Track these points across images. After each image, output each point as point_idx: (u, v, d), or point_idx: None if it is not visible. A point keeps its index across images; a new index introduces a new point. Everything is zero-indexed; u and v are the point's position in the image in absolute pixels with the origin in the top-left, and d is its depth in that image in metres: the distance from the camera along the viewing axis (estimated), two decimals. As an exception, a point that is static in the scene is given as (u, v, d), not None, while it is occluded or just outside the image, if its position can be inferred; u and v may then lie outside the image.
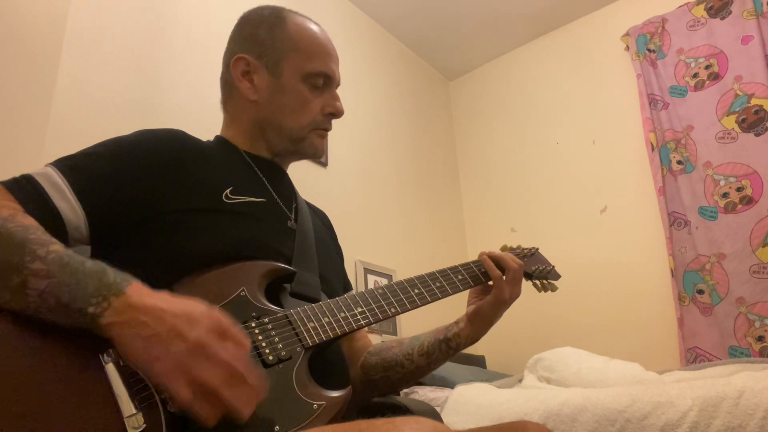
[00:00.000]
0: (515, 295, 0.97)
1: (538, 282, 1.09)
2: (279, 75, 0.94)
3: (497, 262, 0.98)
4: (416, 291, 0.89)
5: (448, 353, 0.97)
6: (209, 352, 0.58)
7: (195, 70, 2.05)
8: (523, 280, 1.02)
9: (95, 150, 0.82)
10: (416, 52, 3.47)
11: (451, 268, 0.97)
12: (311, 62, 0.95)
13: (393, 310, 0.85)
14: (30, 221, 0.68)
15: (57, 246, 0.64)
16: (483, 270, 0.98)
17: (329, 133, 1.02)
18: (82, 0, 1.75)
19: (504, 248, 1.11)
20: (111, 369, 0.60)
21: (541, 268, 1.08)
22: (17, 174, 0.76)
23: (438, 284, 0.92)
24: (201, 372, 0.57)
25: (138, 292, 0.62)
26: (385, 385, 0.99)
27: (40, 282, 0.60)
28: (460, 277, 0.96)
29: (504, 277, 0.96)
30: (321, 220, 1.10)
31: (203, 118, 1.94)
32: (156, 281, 0.67)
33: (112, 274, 0.63)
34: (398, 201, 2.96)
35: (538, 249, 1.14)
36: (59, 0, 1.70)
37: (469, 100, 3.64)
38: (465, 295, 1.01)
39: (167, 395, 0.59)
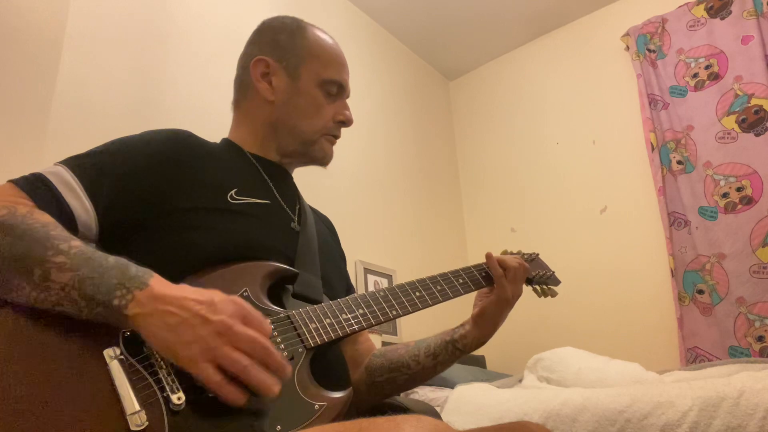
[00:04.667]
0: (516, 293, 0.99)
1: (538, 287, 1.10)
2: (297, 78, 0.97)
3: (500, 262, 0.99)
4: (417, 294, 0.90)
5: (455, 354, 0.98)
6: (234, 332, 0.61)
7: (195, 71, 2.05)
8: (524, 285, 1.02)
9: (104, 149, 0.83)
10: (416, 52, 3.47)
11: (452, 272, 0.97)
12: (327, 70, 0.99)
13: (394, 312, 0.86)
14: (47, 218, 0.69)
15: (78, 242, 0.66)
16: (484, 274, 0.99)
17: (334, 138, 1.04)
18: (82, 0, 1.75)
19: (504, 253, 1.11)
20: (115, 366, 0.60)
21: (541, 273, 1.09)
22: (18, 173, 0.77)
23: (439, 287, 0.93)
24: (228, 352, 0.60)
25: (160, 284, 0.64)
26: (390, 387, 0.99)
27: (63, 275, 0.62)
28: (461, 280, 0.96)
29: (505, 276, 0.97)
30: (324, 224, 1.11)
31: (203, 119, 1.94)
32: None
33: (135, 268, 0.65)
34: (398, 201, 2.96)
35: (538, 254, 1.14)
36: (59, 0, 1.70)
37: (469, 100, 3.64)
38: (465, 299, 1.01)
39: (199, 379, 0.61)
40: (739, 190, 2.45)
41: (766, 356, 2.22)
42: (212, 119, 1.06)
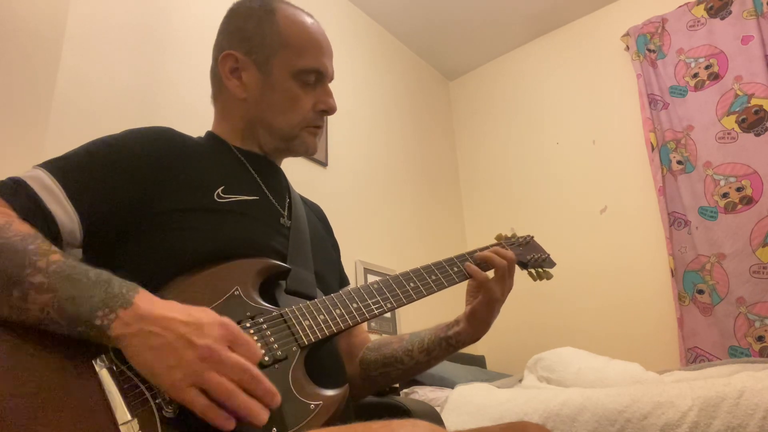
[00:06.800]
0: (507, 290, 0.95)
1: (533, 271, 1.07)
2: (268, 72, 0.91)
3: (484, 261, 0.95)
4: (412, 285, 0.88)
5: (449, 351, 0.96)
6: (220, 357, 0.58)
7: (195, 68, 2.05)
8: (519, 269, 0.99)
9: (84, 151, 0.80)
10: (416, 52, 3.47)
11: (446, 260, 0.95)
12: (301, 58, 0.91)
13: (389, 305, 0.84)
14: (27, 229, 0.66)
15: (57, 255, 0.62)
16: (479, 261, 0.96)
17: (329, 132, 1.01)
18: (82, 0, 1.75)
19: (499, 237, 1.09)
20: (105, 375, 0.59)
21: (536, 256, 1.06)
22: (18, 172, 0.75)
23: (434, 277, 0.91)
24: (213, 378, 0.58)
25: (146, 301, 0.61)
26: (383, 381, 0.98)
27: (41, 296, 0.59)
28: (455, 269, 0.94)
29: (494, 277, 0.94)
30: (315, 214, 1.08)
31: (204, 116, 1.94)
32: (148, 282, 0.66)
33: (118, 283, 0.62)
34: (398, 201, 2.96)
35: (533, 237, 1.11)
36: (59, 0, 1.70)
37: (469, 100, 3.64)
38: (463, 288, 1.00)
39: (185, 404, 0.58)
40: (739, 190, 2.45)
41: (766, 356, 2.22)
42: (211, 119, 1.05)
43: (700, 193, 2.55)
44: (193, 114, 1.97)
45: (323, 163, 2.53)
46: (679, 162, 2.64)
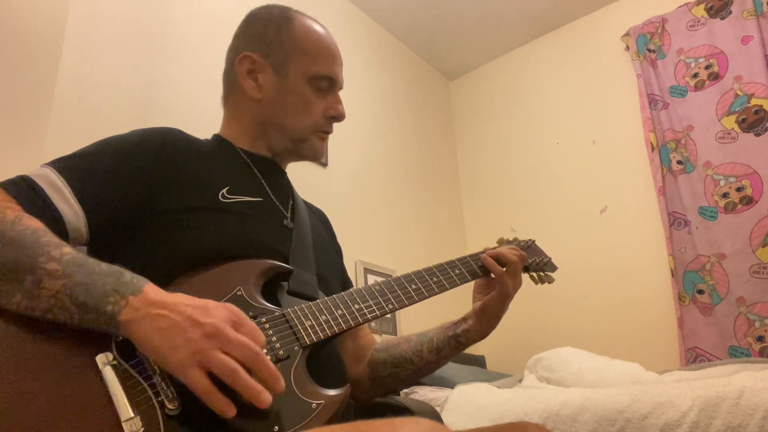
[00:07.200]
0: (518, 286, 0.97)
1: (534, 274, 1.09)
2: (284, 75, 0.94)
3: (497, 258, 0.98)
4: (413, 287, 0.89)
5: (458, 348, 0.97)
6: (226, 335, 0.60)
7: (195, 70, 2.05)
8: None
9: (91, 150, 0.82)
10: (416, 52, 3.47)
11: (448, 263, 0.96)
12: (317, 64, 0.95)
13: (390, 306, 0.85)
14: (37, 223, 0.67)
15: (69, 248, 0.65)
16: (480, 264, 0.98)
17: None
18: (82, 0, 1.75)
19: (500, 241, 1.10)
20: (108, 372, 0.60)
21: (537, 260, 1.08)
22: (18, 173, 0.75)
23: (435, 279, 0.92)
24: (217, 356, 0.58)
25: (155, 289, 0.64)
26: (393, 382, 0.99)
27: (55, 282, 0.61)
28: (457, 271, 0.95)
29: (507, 272, 0.96)
30: (319, 219, 1.10)
31: (203, 118, 1.94)
32: (151, 280, 0.67)
33: (129, 274, 0.64)
34: (398, 201, 2.96)
35: (534, 241, 1.12)
36: (59, 0, 1.70)
37: (469, 100, 3.64)
38: (463, 290, 1.00)
39: (188, 385, 0.59)
40: (739, 190, 2.45)
41: (766, 356, 2.22)
42: (212, 119, 1.05)
43: (700, 193, 2.55)
44: (194, 114, 1.97)
45: (323, 163, 2.53)
46: (679, 162, 2.65)
